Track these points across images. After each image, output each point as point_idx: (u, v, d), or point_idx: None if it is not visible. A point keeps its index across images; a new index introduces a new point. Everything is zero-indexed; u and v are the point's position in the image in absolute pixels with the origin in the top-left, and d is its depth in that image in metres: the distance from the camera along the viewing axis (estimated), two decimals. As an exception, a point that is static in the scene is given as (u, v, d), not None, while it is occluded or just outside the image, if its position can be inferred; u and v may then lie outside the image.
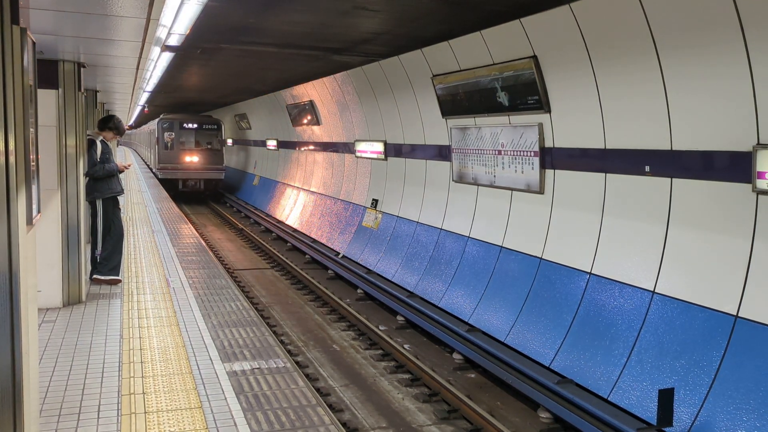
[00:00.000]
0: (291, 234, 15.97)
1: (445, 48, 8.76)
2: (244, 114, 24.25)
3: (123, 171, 7.52)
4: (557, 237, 7.44)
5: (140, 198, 17.18)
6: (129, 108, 17.37)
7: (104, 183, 7.14)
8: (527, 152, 7.76)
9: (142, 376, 4.54)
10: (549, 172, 7.56)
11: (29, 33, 2.82)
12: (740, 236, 5.23)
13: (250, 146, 25.14)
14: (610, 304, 6.42)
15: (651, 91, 5.85)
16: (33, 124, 3.06)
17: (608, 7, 6.06)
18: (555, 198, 7.51)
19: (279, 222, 17.98)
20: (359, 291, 11.07)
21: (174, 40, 8.55)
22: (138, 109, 25.05)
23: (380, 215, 12.22)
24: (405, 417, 6.44)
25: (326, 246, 13.92)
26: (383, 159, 12.28)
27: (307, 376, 7.26)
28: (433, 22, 8.04)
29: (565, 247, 7.26)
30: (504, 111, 8.03)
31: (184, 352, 5.07)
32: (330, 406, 6.34)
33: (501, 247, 8.41)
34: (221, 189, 26.34)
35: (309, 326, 9.47)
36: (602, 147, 6.64)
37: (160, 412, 3.97)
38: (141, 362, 4.82)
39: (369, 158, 12.97)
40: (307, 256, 14.13)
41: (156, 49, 7.80)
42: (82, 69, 6.47)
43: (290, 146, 19.22)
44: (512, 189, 8.25)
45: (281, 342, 8.45)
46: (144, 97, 19.22)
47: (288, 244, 15.77)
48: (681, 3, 5.34)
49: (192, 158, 24.10)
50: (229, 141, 27.80)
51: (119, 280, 7.31)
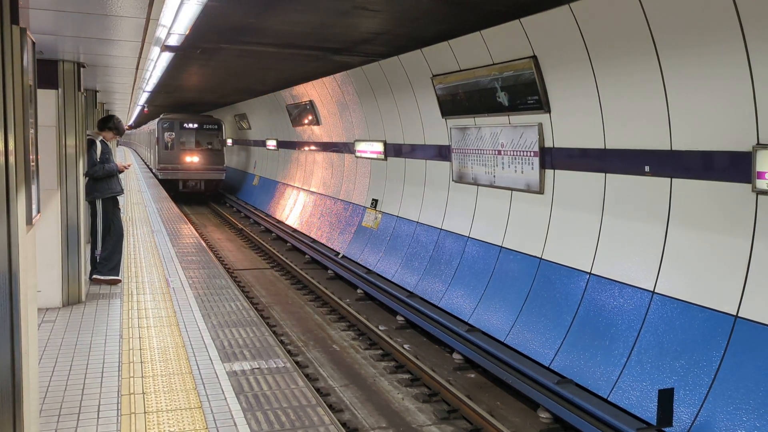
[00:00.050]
0: (291, 234, 15.97)
1: (445, 48, 8.76)
2: (244, 114, 24.21)
3: (123, 171, 7.52)
4: (557, 237, 7.44)
5: (140, 198, 17.17)
6: (129, 108, 17.36)
7: (104, 183, 7.15)
8: (527, 152, 7.76)
9: (142, 376, 4.54)
10: (549, 172, 7.56)
11: (29, 33, 2.82)
12: (740, 236, 5.23)
13: (251, 146, 25.09)
14: (610, 304, 6.42)
15: (651, 91, 5.85)
16: (33, 124, 3.06)
17: (608, 7, 6.06)
18: (555, 198, 7.51)
19: (279, 222, 17.98)
20: (359, 291, 11.07)
21: (174, 40, 8.55)
22: (138, 109, 25.02)
23: (380, 215, 12.21)
24: (405, 417, 6.44)
25: (326, 246, 13.92)
26: (383, 159, 12.28)
27: (307, 376, 7.26)
28: (433, 22, 8.04)
29: (565, 247, 7.27)
30: (504, 111, 8.03)
31: (184, 352, 5.07)
32: (330, 406, 6.34)
33: (501, 247, 8.41)
34: (221, 189, 26.29)
35: (309, 326, 9.47)
36: (602, 147, 6.64)
37: (160, 412, 3.97)
38: (141, 362, 4.82)
39: (369, 158, 12.97)
40: (307, 256, 14.14)
41: (156, 49, 7.80)
42: (82, 69, 6.47)
43: (290, 146, 19.22)
44: (512, 189, 8.25)
45: (281, 342, 8.45)
46: (144, 97, 19.22)
47: (288, 244, 15.77)
48: (681, 3, 5.34)
49: (192, 158, 23.93)
50: (229, 141, 27.74)
51: (119, 280, 7.31)
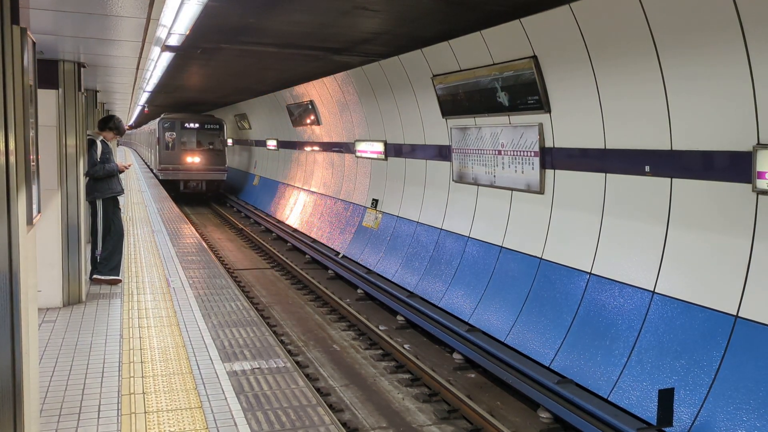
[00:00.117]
0: (291, 234, 15.97)
1: (445, 48, 8.76)
2: (244, 114, 24.19)
3: (123, 171, 7.52)
4: (557, 237, 7.44)
5: (140, 198, 17.18)
6: (129, 108, 17.37)
7: (104, 183, 7.15)
8: (527, 152, 7.76)
9: (142, 376, 4.54)
10: (549, 172, 7.56)
11: (29, 33, 2.82)
12: (740, 236, 5.23)
13: (253, 147, 25.04)
14: (610, 304, 6.42)
15: (651, 91, 5.85)
16: (33, 124, 3.06)
17: (608, 7, 6.06)
18: (555, 198, 7.51)
19: (279, 222, 17.98)
20: (359, 291, 11.07)
21: (174, 40, 8.56)
22: (138, 109, 25.00)
23: (380, 215, 12.21)
24: (405, 417, 6.45)
25: (326, 246, 13.92)
26: (383, 159, 12.28)
27: (307, 376, 7.26)
28: (433, 22, 8.04)
29: (565, 247, 7.26)
30: (504, 111, 8.03)
31: (184, 352, 5.07)
32: (330, 406, 6.34)
33: (501, 247, 8.41)
34: (222, 190, 26.19)
35: (309, 326, 9.47)
36: (602, 147, 6.64)
37: (160, 412, 3.97)
38: (141, 362, 4.82)
39: (369, 158, 12.97)
40: (307, 256, 14.14)
41: (156, 49, 7.80)
42: (82, 69, 6.47)
43: (290, 146, 19.22)
44: (512, 189, 8.25)
45: (281, 342, 8.45)
46: (144, 97, 19.23)
47: (288, 244, 15.77)
48: (681, 3, 5.34)
49: (193, 159, 23.67)
50: (229, 141, 27.69)
51: (119, 280, 7.31)
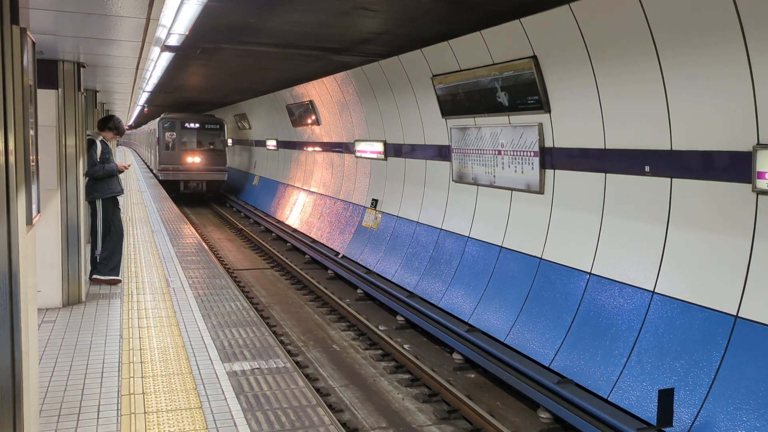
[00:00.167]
0: (291, 234, 15.97)
1: (445, 48, 8.76)
2: (244, 114, 24.16)
3: (123, 171, 7.52)
4: (557, 237, 7.43)
5: (140, 198, 17.17)
6: (129, 108, 17.36)
7: (104, 183, 7.14)
8: (527, 152, 7.76)
9: (142, 377, 4.54)
10: (549, 172, 7.56)
11: (29, 33, 2.82)
12: (740, 236, 5.23)
13: (252, 147, 24.99)
14: (610, 304, 6.42)
15: (651, 91, 5.85)
16: (33, 124, 3.06)
17: (608, 7, 6.05)
18: (555, 198, 7.51)
19: (279, 222, 17.97)
20: (359, 291, 11.07)
21: (174, 40, 8.55)
22: (138, 109, 24.97)
23: (380, 215, 12.21)
24: (405, 417, 6.44)
25: (326, 246, 13.92)
26: (383, 159, 12.28)
27: (307, 376, 7.26)
28: (433, 22, 8.04)
29: (565, 247, 7.26)
30: (504, 111, 8.03)
31: (184, 353, 5.07)
32: (330, 406, 6.34)
33: (501, 247, 8.41)
34: (222, 190, 26.11)
35: (309, 326, 9.47)
36: (602, 147, 6.64)
37: (160, 413, 3.97)
38: (141, 362, 4.82)
39: (369, 158, 12.97)
40: (307, 256, 14.14)
41: (156, 49, 7.80)
42: (82, 69, 6.47)
43: (290, 146, 19.22)
44: (512, 189, 8.25)
45: (281, 342, 8.45)
46: (144, 97, 19.22)
47: (288, 244, 15.77)
48: (681, 3, 5.34)
49: (194, 159, 23.48)
50: (229, 141, 27.64)
51: (119, 280, 7.31)
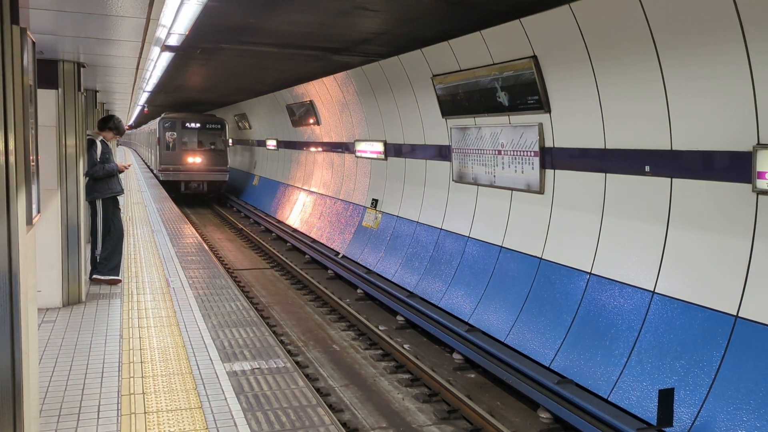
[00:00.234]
0: (291, 234, 15.97)
1: (445, 48, 8.76)
2: (244, 114, 24.14)
3: (123, 171, 7.52)
4: (557, 237, 7.43)
5: (140, 198, 17.17)
6: (129, 108, 17.36)
7: (104, 183, 7.14)
8: (527, 152, 7.76)
9: (142, 377, 4.54)
10: (549, 172, 7.56)
11: (29, 33, 2.82)
12: (740, 236, 5.23)
13: (253, 147, 24.96)
14: (610, 304, 6.42)
15: (651, 91, 5.85)
16: (33, 124, 3.06)
17: (608, 7, 6.05)
18: (555, 198, 7.51)
19: (279, 222, 17.97)
20: (359, 291, 11.07)
21: (174, 40, 8.56)
22: (138, 109, 24.96)
23: (380, 215, 12.21)
24: (405, 417, 6.44)
25: (326, 246, 13.92)
26: (383, 159, 12.28)
27: (307, 376, 7.26)
28: (433, 22, 8.04)
29: (565, 247, 7.26)
30: (504, 111, 8.03)
31: (184, 352, 5.07)
32: (330, 406, 6.34)
33: (501, 247, 8.41)
34: (223, 190, 26.02)
35: (309, 326, 9.47)
36: (602, 147, 6.64)
37: (160, 413, 3.97)
38: (141, 362, 4.82)
39: (369, 158, 12.97)
40: (307, 256, 14.14)
41: (156, 49, 7.80)
42: (82, 69, 6.47)
43: (290, 146, 19.22)
44: (512, 189, 8.25)
45: (281, 342, 8.45)
46: (144, 97, 19.22)
47: (288, 244, 15.77)
48: (681, 3, 5.34)
49: (195, 159, 23.28)
50: (229, 141, 27.61)
51: (119, 280, 7.31)
